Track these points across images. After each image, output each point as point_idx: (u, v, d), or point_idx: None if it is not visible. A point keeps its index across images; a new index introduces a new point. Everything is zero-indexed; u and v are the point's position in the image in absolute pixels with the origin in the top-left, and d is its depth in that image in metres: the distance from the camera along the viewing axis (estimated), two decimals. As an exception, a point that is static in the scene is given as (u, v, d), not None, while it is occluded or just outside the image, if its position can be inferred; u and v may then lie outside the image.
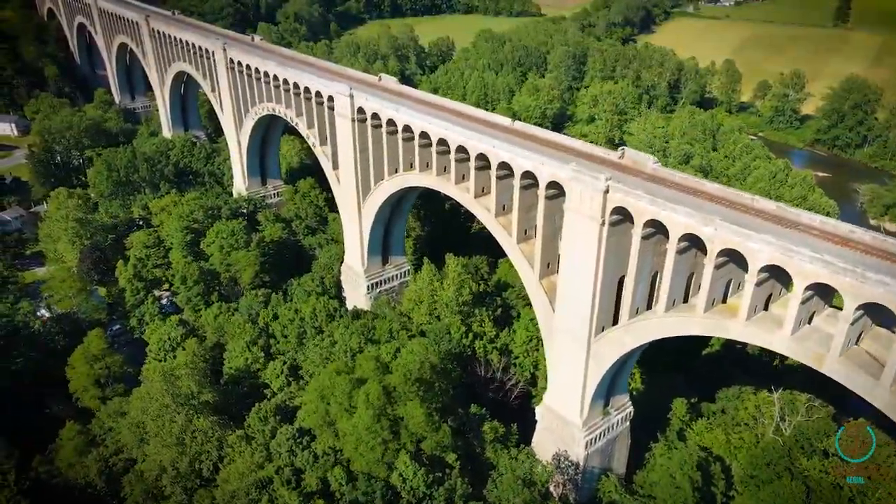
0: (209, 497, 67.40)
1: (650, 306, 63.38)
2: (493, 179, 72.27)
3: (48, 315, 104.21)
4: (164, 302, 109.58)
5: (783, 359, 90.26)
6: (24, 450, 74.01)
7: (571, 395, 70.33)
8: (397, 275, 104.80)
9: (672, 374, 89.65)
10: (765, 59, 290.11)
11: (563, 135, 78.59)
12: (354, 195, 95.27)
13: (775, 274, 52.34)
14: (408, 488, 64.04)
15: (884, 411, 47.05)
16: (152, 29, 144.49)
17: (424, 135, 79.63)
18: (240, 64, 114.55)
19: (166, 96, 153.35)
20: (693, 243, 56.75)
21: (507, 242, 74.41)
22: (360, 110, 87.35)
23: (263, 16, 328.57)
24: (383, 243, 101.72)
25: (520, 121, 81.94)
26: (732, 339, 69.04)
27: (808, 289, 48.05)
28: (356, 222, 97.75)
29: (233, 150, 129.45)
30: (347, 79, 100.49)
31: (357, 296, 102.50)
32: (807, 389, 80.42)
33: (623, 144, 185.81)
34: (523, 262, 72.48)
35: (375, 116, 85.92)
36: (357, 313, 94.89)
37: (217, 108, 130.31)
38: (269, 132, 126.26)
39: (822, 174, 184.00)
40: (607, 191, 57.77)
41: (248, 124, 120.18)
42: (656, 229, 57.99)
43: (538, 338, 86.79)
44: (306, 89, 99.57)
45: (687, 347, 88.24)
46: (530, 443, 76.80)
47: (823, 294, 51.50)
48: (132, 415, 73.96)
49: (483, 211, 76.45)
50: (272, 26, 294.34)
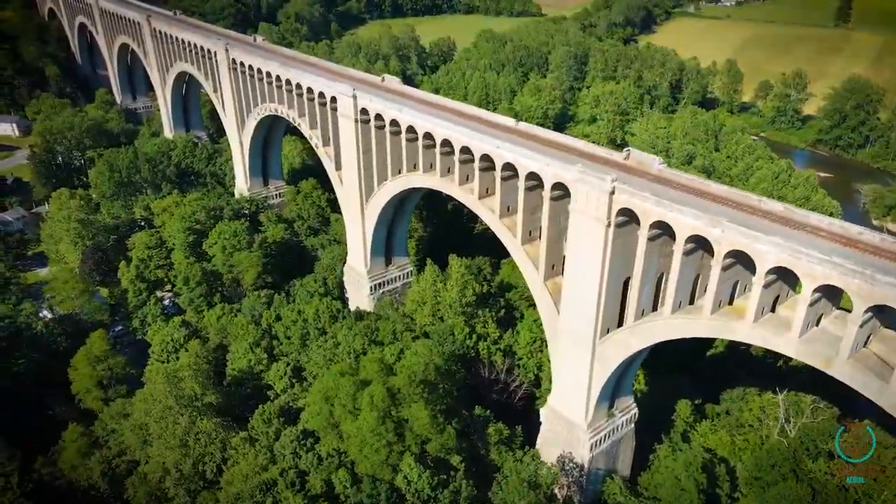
0: (213, 499, 67.20)
1: (656, 308, 63.17)
2: (498, 180, 72.01)
3: (50, 316, 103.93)
4: (167, 303, 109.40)
5: (787, 360, 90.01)
6: (27, 451, 73.72)
7: (576, 397, 70.07)
8: (400, 276, 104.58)
9: (676, 375, 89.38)
10: (766, 60, 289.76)
11: (568, 135, 78.38)
12: (357, 196, 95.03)
13: (783, 275, 52.13)
14: (412, 490, 63.77)
15: (893, 414, 46.80)
16: (154, 29, 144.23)
17: (428, 136, 79.37)
18: (242, 64, 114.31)
19: (168, 97, 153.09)
20: (699, 245, 56.51)
21: (512, 244, 74.15)
22: (364, 111, 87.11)
23: (264, 16, 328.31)
24: (386, 244, 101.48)
25: (522, 121, 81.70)
26: (737, 341, 69.12)
27: (816, 291, 47.80)
28: (359, 223, 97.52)
29: (235, 150, 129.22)
30: (350, 79, 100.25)
31: (360, 297, 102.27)
32: (812, 390, 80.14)
33: (625, 145, 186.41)
34: (528, 263, 72.23)
35: (379, 117, 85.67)
36: (360, 314, 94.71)
37: (219, 109, 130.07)
38: (272, 133, 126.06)
39: (823, 174, 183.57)
40: (613, 192, 57.55)
41: (251, 125, 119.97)
42: (662, 231, 57.77)
43: (542, 339, 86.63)
44: (309, 90, 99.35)
45: (691, 349, 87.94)
46: (534, 445, 76.57)
47: (831, 296, 51.24)
48: (135, 416, 73.71)
49: (487, 212, 76.20)
50: (273, 26, 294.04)
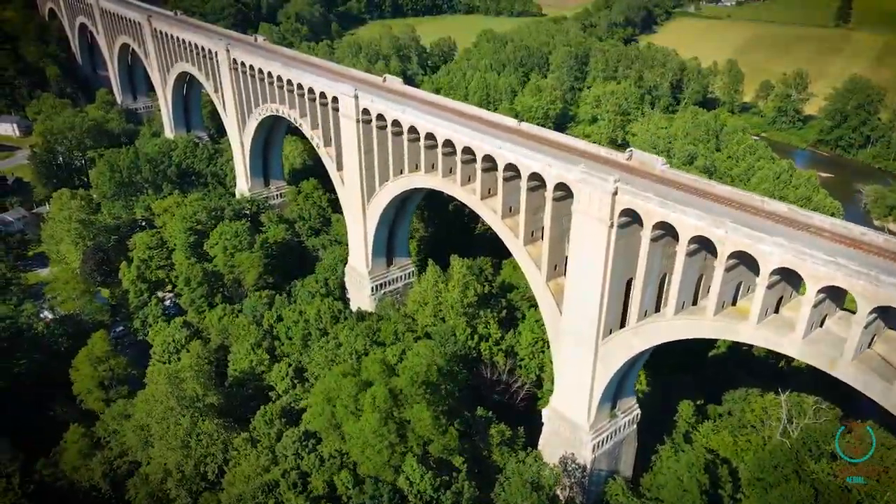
0: (215, 500, 67.22)
1: (658, 309, 63.06)
2: (500, 181, 71.87)
3: (51, 317, 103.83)
4: (168, 303, 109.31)
5: (789, 360, 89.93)
6: (28, 452, 73.72)
7: (579, 398, 69.95)
8: (401, 276, 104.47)
9: (678, 375, 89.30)
10: (766, 60, 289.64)
11: (571, 136, 78.27)
12: (359, 196, 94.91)
13: (786, 276, 52.01)
14: (415, 492, 63.72)
15: (896, 415, 46.78)
16: (155, 29, 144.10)
17: (430, 136, 79.26)
18: (243, 65, 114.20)
19: (169, 97, 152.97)
20: (703, 245, 56.38)
21: (514, 244, 74.02)
22: (366, 111, 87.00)
23: (264, 16, 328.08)
24: (388, 244, 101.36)
25: (524, 122, 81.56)
26: (739, 342, 69.01)
27: (820, 292, 47.70)
28: (361, 223, 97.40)
29: (236, 150, 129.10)
30: (352, 79, 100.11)
31: (361, 297, 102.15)
32: (814, 391, 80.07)
33: (626, 145, 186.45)
34: (530, 264, 72.11)
35: (381, 117, 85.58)
36: (362, 315, 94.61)
37: (220, 109, 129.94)
38: (273, 133, 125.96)
39: (824, 174, 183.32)
40: (616, 193, 57.42)
41: (252, 125, 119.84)
42: (665, 231, 57.66)
43: (543, 339, 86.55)
44: (310, 90, 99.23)
45: (692, 349, 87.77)
46: (536, 445, 76.45)
47: (835, 297, 51.12)
48: (137, 417, 73.71)
49: (489, 213, 76.09)
50: (273, 27, 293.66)
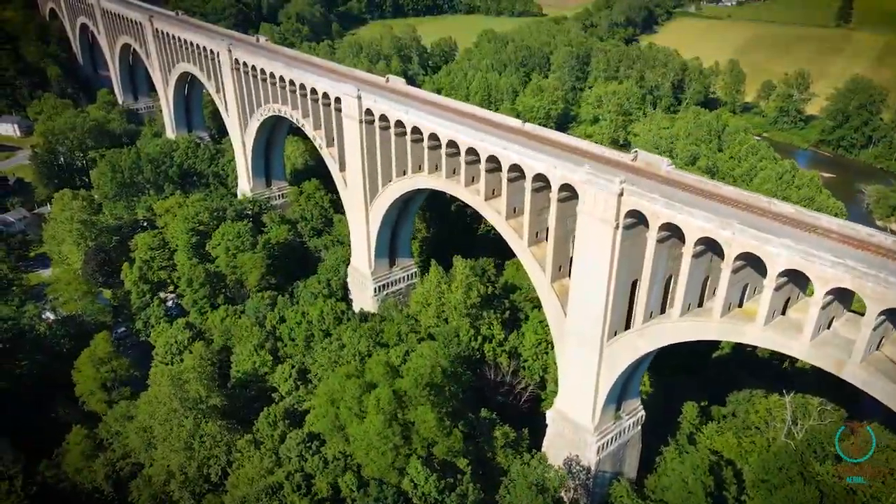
0: (218, 502, 67.05)
1: (664, 310, 62.82)
2: (504, 182, 71.62)
3: (53, 318, 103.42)
4: (170, 304, 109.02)
5: (793, 361, 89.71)
6: (31, 454, 73.40)
7: (583, 400, 69.70)
8: (404, 277, 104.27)
9: (681, 376, 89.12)
10: (767, 60, 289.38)
11: (576, 137, 78.05)
12: (362, 197, 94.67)
13: (794, 278, 51.79)
14: (419, 494, 63.49)
15: (905, 417, 46.55)
16: (156, 29, 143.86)
17: (434, 136, 79.02)
18: (245, 65, 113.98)
19: (170, 97, 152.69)
20: (709, 247, 56.13)
21: (518, 245, 73.78)
22: (369, 112, 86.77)
23: (265, 16, 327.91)
24: (390, 245, 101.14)
25: (528, 122, 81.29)
26: (743, 343, 68.80)
27: (828, 294, 47.46)
28: (363, 224, 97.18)
29: (237, 151, 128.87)
30: (354, 80, 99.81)
31: (364, 298, 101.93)
32: (818, 392, 79.85)
33: (628, 145, 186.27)
34: (534, 265, 71.85)
35: (384, 118, 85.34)
36: (364, 316, 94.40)
37: (222, 110, 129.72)
38: (274, 133, 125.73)
39: (826, 175, 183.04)
40: (622, 194, 57.20)
41: (254, 125, 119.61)
42: (671, 233, 57.42)
43: (547, 341, 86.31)
44: (313, 90, 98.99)
45: (696, 350, 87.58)
46: (540, 447, 76.19)
47: (843, 298, 50.91)
48: (140, 419, 73.45)
49: (494, 213, 75.85)
50: (274, 27, 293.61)
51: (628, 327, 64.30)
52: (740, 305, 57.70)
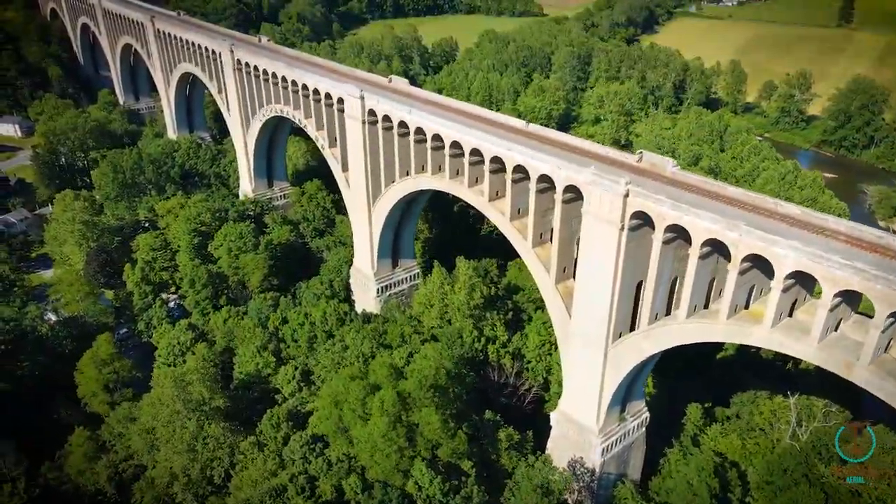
0: (221, 505, 66.73)
1: (669, 312, 62.55)
2: (509, 183, 71.33)
3: (55, 319, 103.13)
4: (172, 305, 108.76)
5: (797, 362, 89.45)
6: (33, 456, 73.13)
7: (588, 402, 69.41)
8: (407, 278, 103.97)
9: (685, 378, 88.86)
10: (768, 60, 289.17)
11: (580, 138, 77.74)
12: (364, 198, 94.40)
13: (801, 279, 51.51)
14: (424, 496, 63.26)
15: (914, 420, 46.29)
16: (158, 30, 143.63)
17: (437, 137, 78.75)
18: (247, 65, 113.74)
19: (171, 97, 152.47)
20: (715, 248, 55.85)
21: (523, 246, 73.49)
22: (372, 112, 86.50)
23: (266, 16, 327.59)
24: (393, 246, 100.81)
25: (531, 123, 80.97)
26: (747, 344, 68.51)
27: (836, 295, 47.20)
28: (366, 225, 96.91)
29: (239, 151, 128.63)
30: (357, 80, 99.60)
31: (367, 299, 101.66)
32: (822, 393, 79.59)
33: (630, 145, 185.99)
34: (539, 266, 71.56)
35: (387, 118, 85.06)
36: (367, 317, 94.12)
37: (223, 110, 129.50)
38: (276, 133, 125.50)
39: (828, 175, 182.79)
40: (627, 195, 56.92)
41: (256, 126, 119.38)
42: (677, 234, 57.14)
43: (550, 342, 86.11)
44: (315, 91, 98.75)
45: (699, 351, 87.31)
46: (544, 449, 75.96)
47: (850, 300, 50.62)
48: (142, 420, 73.21)
49: (498, 215, 75.58)
50: (275, 27, 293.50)
51: (633, 329, 64.02)
52: (746, 307, 57.39)
